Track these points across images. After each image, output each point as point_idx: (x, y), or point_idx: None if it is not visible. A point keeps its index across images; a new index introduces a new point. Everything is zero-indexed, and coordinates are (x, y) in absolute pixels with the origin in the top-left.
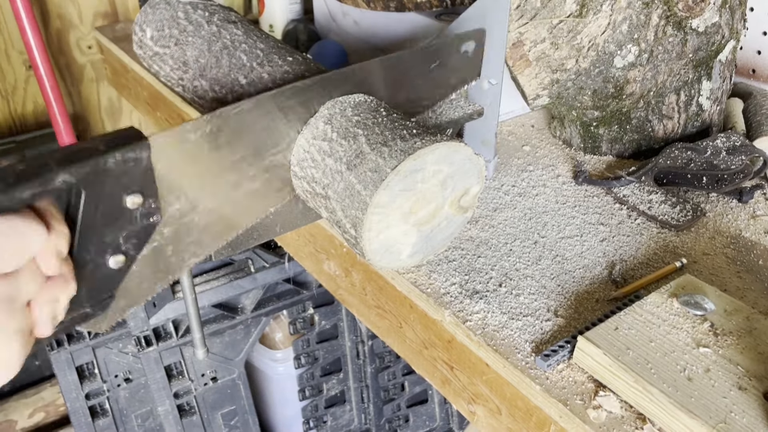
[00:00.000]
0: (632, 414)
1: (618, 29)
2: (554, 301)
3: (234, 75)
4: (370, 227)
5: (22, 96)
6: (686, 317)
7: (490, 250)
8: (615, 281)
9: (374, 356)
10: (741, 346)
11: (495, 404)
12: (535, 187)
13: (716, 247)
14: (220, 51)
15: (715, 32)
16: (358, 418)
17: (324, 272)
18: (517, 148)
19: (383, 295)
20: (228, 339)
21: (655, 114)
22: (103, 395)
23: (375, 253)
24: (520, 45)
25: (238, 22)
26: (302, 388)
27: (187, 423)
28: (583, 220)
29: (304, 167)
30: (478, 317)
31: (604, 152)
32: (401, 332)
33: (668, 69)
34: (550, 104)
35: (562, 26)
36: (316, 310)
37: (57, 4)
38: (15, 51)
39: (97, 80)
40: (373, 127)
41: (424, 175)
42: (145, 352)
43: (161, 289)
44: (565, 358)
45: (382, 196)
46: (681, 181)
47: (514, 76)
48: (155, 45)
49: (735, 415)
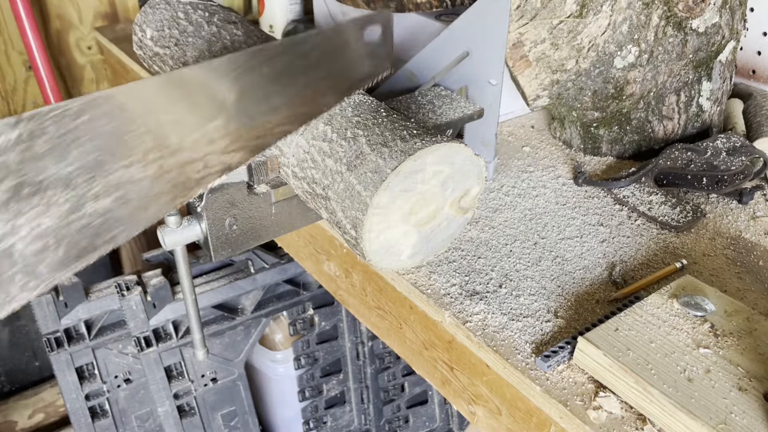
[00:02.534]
0: (632, 415)
1: (618, 30)
2: (554, 302)
3: None
4: (370, 228)
5: (22, 96)
6: (686, 318)
7: (490, 251)
8: (615, 282)
9: (374, 357)
10: (741, 347)
11: (495, 405)
12: (535, 188)
13: (716, 248)
14: (221, 51)
15: (716, 33)
16: (358, 418)
17: (324, 273)
18: (517, 149)
19: (383, 296)
20: (228, 340)
21: (655, 115)
22: (103, 396)
23: (375, 254)
24: (520, 45)
25: (239, 23)
26: (302, 389)
27: (187, 424)
28: (583, 221)
29: (304, 168)
30: (478, 318)
31: (604, 153)
32: (401, 333)
33: (668, 69)
34: (550, 105)
35: (562, 27)
36: (316, 311)
37: (57, 4)
38: (15, 51)
39: (97, 81)
40: (373, 127)
41: (424, 176)
42: (145, 353)
43: None
44: (566, 359)
45: (383, 196)
46: (681, 182)
47: (514, 77)
48: (155, 45)
49: (735, 416)
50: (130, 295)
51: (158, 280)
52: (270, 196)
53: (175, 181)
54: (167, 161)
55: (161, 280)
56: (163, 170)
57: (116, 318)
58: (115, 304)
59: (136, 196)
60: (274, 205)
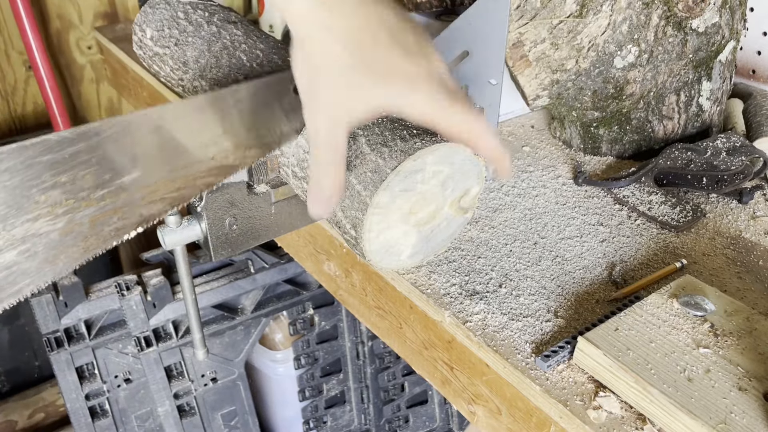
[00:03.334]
0: (632, 414)
1: (618, 30)
2: (554, 302)
3: (234, 75)
4: (370, 228)
5: (22, 96)
6: (686, 318)
7: (490, 251)
8: (615, 282)
9: (374, 357)
10: (741, 346)
11: (495, 405)
12: (535, 187)
13: (716, 248)
14: (220, 51)
15: (715, 33)
16: (358, 418)
17: (324, 273)
18: (517, 149)
19: (383, 295)
20: (228, 340)
21: (655, 114)
22: (103, 396)
23: (375, 254)
24: (520, 45)
25: (238, 23)
26: (302, 388)
27: (187, 423)
28: (583, 221)
29: (305, 168)
30: (478, 318)
31: (604, 153)
32: (401, 333)
33: (668, 69)
34: (550, 105)
35: (562, 26)
36: (316, 311)
37: (57, 4)
38: (15, 51)
39: (97, 80)
40: (373, 127)
41: (424, 176)
42: (145, 352)
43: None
44: (566, 359)
45: (382, 196)
46: (681, 182)
47: (514, 77)
48: (155, 45)
49: (735, 416)
50: (130, 294)
51: (158, 280)
52: (270, 195)
53: (87, 234)
54: (77, 215)
55: (161, 279)
56: (73, 224)
57: (116, 318)
58: (115, 304)
59: (42, 249)
60: (274, 205)
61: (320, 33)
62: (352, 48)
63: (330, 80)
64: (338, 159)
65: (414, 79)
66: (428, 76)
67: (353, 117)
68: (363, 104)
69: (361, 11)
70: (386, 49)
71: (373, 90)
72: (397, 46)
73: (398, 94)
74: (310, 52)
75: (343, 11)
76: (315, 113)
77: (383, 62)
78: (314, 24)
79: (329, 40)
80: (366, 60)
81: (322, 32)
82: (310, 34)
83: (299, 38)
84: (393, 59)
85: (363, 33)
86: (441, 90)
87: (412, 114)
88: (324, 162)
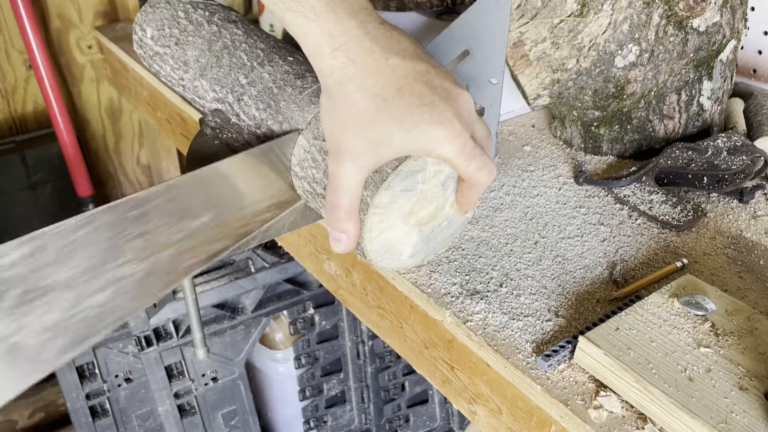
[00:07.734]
0: (633, 414)
1: (619, 29)
2: (555, 302)
3: (234, 75)
4: (371, 228)
5: (22, 96)
6: (687, 317)
7: (490, 250)
8: (616, 281)
9: (374, 356)
10: (742, 346)
11: (496, 404)
12: (536, 187)
13: (717, 248)
14: (221, 50)
15: (716, 32)
16: (359, 418)
17: (324, 272)
18: (517, 148)
19: (384, 295)
20: (228, 339)
21: (656, 114)
22: (104, 395)
23: (376, 254)
24: (521, 45)
25: (239, 22)
26: (302, 388)
27: (188, 423)
28: (584, 221)
29: (305, 167)
30: (478, 317)
31: (604, 152)
32: (402, 332)
33: (669, 69)
34: (550, 104)
35: (562, 26)
36: (316, 311)
37: (57, 4)
38: (15, 51)
39: (97, 80)
40: None
41: (425, 176)
42: (146, 352)
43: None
44: (566, 359)
45: (383, 196)
46: (682, 181)
47: (514, 76)
48: (155, 44)
49: (736, 415)
50: None
51: None
52: None
53: (167, 271)
54: (157, 257)
55: None
56: (154, 264)
57: None
58: None
59: (130, 287)
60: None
61: (346, 86)
62: (377, 102)
63: (354, 132)
64: (356, 204)
65: (439, 133)
66: (453, 131)
67: (376, 166)
68: (387, 156)
69: (387, 64)
70: (411, 102)
71: (399, 144)
72: (423, 98)
73: (422, 149)
74: (336, 102)
75: (368, 66)
76: (340, 161)
77: (408, 116)
78: (341, 77)
79: (355, 93)
80: (392, 113)
81: (348, 85)
82: (337, 86)
83: (327, 87)
84: (419, 112)
85: (389, 86)
86: (465, 146)
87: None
88: (344, 208)
